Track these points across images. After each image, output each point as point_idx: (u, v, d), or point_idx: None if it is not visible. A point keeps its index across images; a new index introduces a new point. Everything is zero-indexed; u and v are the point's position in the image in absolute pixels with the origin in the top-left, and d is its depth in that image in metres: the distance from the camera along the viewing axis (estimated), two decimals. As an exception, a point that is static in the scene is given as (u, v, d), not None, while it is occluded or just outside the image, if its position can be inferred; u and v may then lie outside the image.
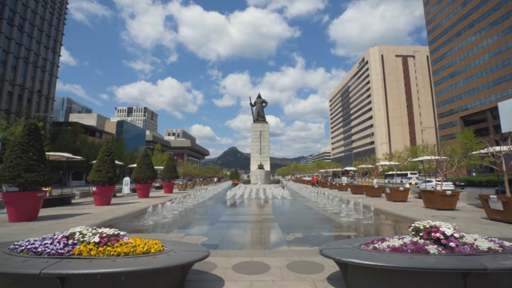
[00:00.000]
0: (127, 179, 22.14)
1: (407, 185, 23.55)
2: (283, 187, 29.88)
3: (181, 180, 36.54)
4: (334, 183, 33.15)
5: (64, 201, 14.51)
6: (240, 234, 8.06)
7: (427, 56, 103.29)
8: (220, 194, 24.31)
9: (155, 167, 33.60)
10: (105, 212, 11.95)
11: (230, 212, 13.19)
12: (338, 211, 12.49)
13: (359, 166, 30.88)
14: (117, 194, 21.58)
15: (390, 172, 48.32)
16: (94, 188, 13.92)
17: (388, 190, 17.49)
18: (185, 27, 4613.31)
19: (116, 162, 20.83)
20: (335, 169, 44.05)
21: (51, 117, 55.58)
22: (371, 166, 27.46)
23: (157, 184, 31.27)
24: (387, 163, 22.52)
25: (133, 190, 22.86)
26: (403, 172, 51.64)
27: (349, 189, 27.93)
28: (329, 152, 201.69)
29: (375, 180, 28.84)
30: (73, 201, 16.14)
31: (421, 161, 19.77)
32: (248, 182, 35.83)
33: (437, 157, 14.48)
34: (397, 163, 22.41)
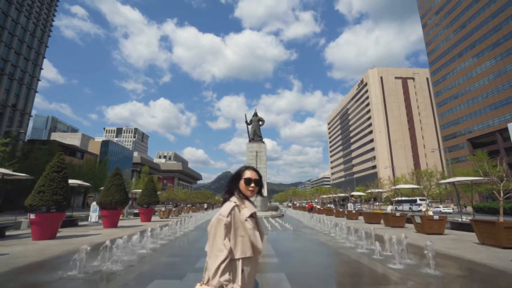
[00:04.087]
0: (95, 205, 18.10)
1: (431, 212, 20.02)
2: (282, 215, 26.59)
3: (164, 206, 32.41)
4: (341, 210, 29.31)
5: (-8, 233, 10.74)
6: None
7: (427, 78, 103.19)
8: (206, 224, 20.41)
9: (136, 190, 29.60)
10: (34, 251, 8.32)
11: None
12: (367, 251, 8.88)
13: (370, 191, 27.29)
14: (81, 223, 17.70)
15: (402, 198, 44.29)
16: (32, 216, 10.29)
17: (418, 219, 13.96)
18: (180, 48, 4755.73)
19: (75, 182, 17.20)
20: (339, 195, 40.24)
21: (21, 132, 50.53)
22: (385, 190, 23.91)
23: (136, 211, 27.21)
24: (409, 186, 19.02)
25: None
26: (411, 198, 47.74)
27: (360, 217, 24.31)
28: (329, 177, 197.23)
29: (389, 208, 25.18)
30: (9, 233, 12.32)
31: (453, 183, 16.39)
32: (243, 209, 32.06)
33: (489, 177, 11.14)
34: (419, 187, 18.97)
